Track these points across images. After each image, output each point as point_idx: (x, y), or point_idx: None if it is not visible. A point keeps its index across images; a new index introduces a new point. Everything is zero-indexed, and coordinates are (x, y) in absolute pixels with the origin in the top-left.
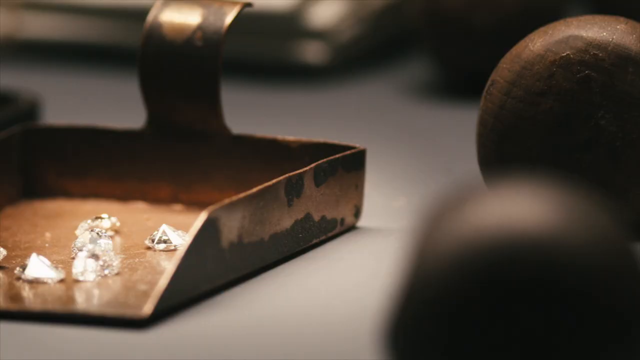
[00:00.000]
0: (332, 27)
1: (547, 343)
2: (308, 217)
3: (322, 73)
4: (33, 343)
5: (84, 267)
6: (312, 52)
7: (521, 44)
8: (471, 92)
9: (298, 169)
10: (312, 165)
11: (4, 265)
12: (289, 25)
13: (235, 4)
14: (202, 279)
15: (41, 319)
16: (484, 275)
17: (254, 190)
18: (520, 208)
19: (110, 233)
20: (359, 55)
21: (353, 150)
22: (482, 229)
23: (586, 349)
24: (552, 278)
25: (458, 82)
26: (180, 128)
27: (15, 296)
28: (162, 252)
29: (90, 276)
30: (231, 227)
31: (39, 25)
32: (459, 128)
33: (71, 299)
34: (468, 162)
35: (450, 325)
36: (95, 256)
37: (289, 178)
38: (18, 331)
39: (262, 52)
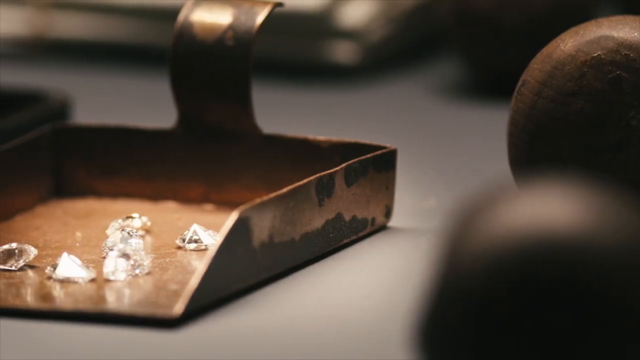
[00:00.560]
0: (362, 27)
1: (581, 344)
2: (339, 217)
3: (353, 73)
4: (64, 342)
5: (114, 267)
6: (343, 52)
7: (552, 44)
8: (501, 92)
9: (329, 169)
10: (343, 165)
11: (34, 264)
12: (320, 25)
13: (266, 3)
14: (233, 279)
15: (72, 319)
16: (516, 275)
17: (285, 190)
18: (552, 208)
19: (141, 232)
20: (389, 55)
21: (384, 151)
22: (513, 230)
23: (619, 351)
24: (583, 279)
25: (488, 82)
26: (211, 128)
27: (46, 296)
28: (192, 252)
29: (121, 276)
30: (262, 227)
31: (69, 25)
32: (489, 128)
33: (102, 299)
34: (499, 162)
35: (481, 325)
36: (126, 256)
37: (320, 178)
38: (49, 330)
39: (292, 51)
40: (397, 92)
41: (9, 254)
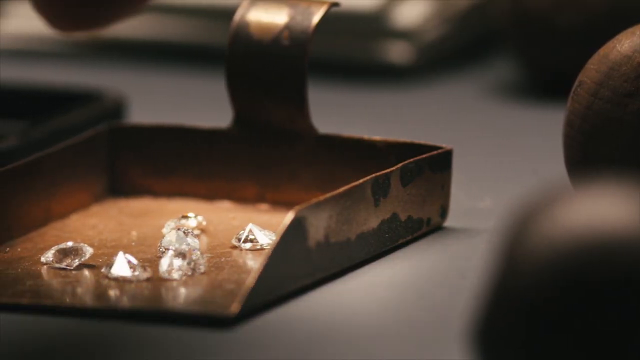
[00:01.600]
0: (417, 27)
1: (631, 345)
2: (394, 217)
3: (407, 73)
4: (120, 341)
5: (170, 266)
6: (397, 52)
7: (609, 45)
8: (556, 93)
9: (384, 169)
10: (399, 165)
11: (90, 263)
12: (374, 25)
13: (322, 3)
14: (288, 278)
15: (128, 318)
16: (574, 276)
17: (341, 190)
18: (607, 209)
19: (196, 232)
20: (444, 56)
21: (440, 151)
22: (571, 230)
23: None
24: (636, 279)
25: (543, 82)
26: (267, 127)
27: (102, 295)
28: (248, 252)
29: (177, 275)
30: (318, 227)
31: (125, 24)
32: (545, 128)
33: (158, 298)
34: (554, 162)
35: (539, 326)
36: (181, 255)
37: (376, 178)
38: (105, 330)
39: (347, 51)
40: (452, 92)
41: (65, 253)
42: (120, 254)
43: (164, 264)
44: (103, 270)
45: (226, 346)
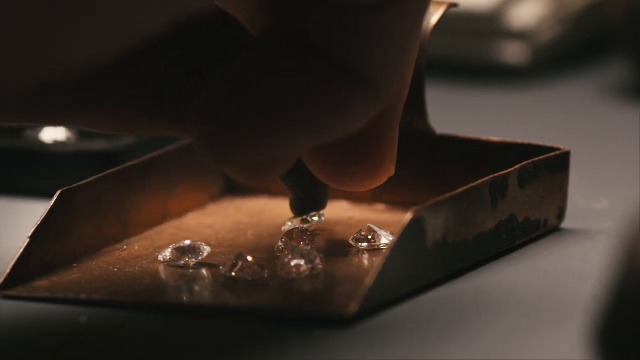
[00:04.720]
0: (533, 28)
1: None
2: (512, 218)
3: (523, 73)
4: (236, 339)
5: (288, 265)
6: (513, 53)
7: None
8: None
9: (501, 170)
10: (517, 166)
11: (208, 262)
12: (490, 26)
13: (440, 4)
14: (406, 279)
15: (245, 316)
16: None
17: (459, 190)
18: None
19: (314, 232)
20: (559, 56)
21: (558, 152)
22: None
23: None
24: None
25: None
26: None
27: (220, 293)
28: (365, 251)
29: (295, 274)
30: (436, 227)
31: None
32: None
33: (275, 297)
34: None
35: None
36: (299, 254)
37: (494, 179)
38: (222, 327)
39: (463, 52)
40: (567, 93)
41: (183, 252)
42: (238, 253)
43: (281, 263)
44: (221, 269)
45: (343, 346)
